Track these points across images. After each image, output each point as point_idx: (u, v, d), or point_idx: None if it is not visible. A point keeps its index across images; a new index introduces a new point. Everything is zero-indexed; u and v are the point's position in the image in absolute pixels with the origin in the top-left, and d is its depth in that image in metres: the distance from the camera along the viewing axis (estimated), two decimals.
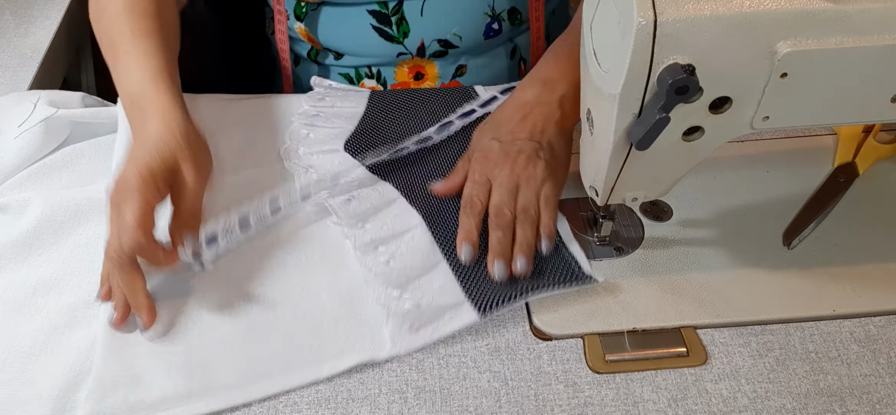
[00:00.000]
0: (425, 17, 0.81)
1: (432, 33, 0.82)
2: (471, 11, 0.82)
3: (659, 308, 0.59)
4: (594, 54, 0.51)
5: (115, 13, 0.67)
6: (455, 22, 0.82)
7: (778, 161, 0.71)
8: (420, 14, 0.81)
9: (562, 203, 0.66)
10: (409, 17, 0.81)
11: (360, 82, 0.86)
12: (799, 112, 0.50)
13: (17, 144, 0.69)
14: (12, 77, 0.78)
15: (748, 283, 0.61)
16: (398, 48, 0.83)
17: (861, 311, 0.59)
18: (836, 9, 0.45)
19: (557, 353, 0.57)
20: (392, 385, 0.55)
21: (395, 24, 0.81)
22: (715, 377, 0.55)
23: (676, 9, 0.44)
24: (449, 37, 0.82)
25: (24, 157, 0.69)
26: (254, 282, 0.61)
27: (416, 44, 0.83)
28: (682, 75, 0.45)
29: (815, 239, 0.64)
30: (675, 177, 0.57)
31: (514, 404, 0.54)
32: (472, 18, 0.82)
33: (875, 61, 0.47)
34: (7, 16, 0.86)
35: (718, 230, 0.65)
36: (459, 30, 0.82)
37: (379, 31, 0.82)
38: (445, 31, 0.82)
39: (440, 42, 0.83)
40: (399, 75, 0.85)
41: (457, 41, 0.83)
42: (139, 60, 0.63)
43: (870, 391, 0.54)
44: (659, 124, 0.47)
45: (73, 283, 0.61)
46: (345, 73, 0.86)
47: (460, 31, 0.82)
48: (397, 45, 0.83)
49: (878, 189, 0.68)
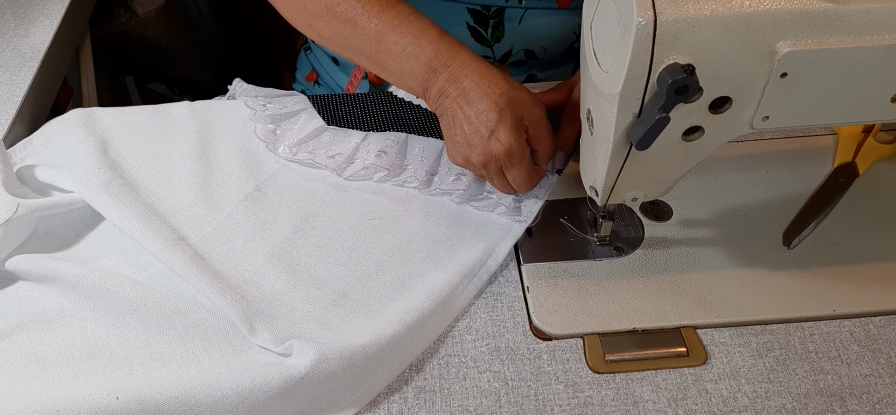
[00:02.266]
0: (522, 26, 0.81)
1: (522, 43, 0.83)
2: (563, 29, 0.83)
3: (659, 308, 0.59)
4: (594, 54, 0.51)
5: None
6: (547, 36, 0.83)
7: (778, 161, 0.71)
8: (518, 23, 0.81)
9: (562, 202, 0.66)
10: (508, 24, 0.81)
11: None
12: (799, 112, 0.50)
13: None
14: (12, 77, 0.78)
15: (748, 283, 0.61)
16: (485, 51, 0.83)
17: (861, 311, 0.59)
18: (836, 9, 0.45)
19: (557, 353, 0.57)
20: (392, 385, 0.55)
21: (491, 28, 0.81)
22: (715, 377, 0.55)
23: (676, 8, 0.44)
24: (536, 49, 0.83)
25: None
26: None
27: (504, 50, 0.83)
28: (682, 75, 0.45)
29: (815, 239, 0.64)
30: (675, 177, 0.57)
31: (514, 404, 0.54)
32: (562, 35, 0.84)
33: (875, 61, 0.47)
34: (7, 16, 0.86)
35: (718, 230, 0.65)
36: (548, 44, 0.83)
37: (473, 31, 0.81)
38: (536, 43, 0.83)
39: (526, 52, 0.84)
40: None
41: (541, 54, 0.84)
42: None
43: (870, 391, 0.54)
44: (659, 124, 0.47)
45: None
46: None
47: (548, 45, 0.84)
48: (486, 48, 0.83)
49: (878, 189, 0.68)
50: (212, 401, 0.51)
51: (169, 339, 0.56)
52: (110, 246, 0.63)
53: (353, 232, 0.65)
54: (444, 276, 0.60)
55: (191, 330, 0.57)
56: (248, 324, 0.56)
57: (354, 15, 0.64)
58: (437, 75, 0.63)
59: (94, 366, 0.55)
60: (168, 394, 0.51)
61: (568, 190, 0.68)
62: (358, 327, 0.57)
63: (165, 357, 0.55)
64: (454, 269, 0.61)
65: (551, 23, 0.83)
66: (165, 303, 0.58)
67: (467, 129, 0.63)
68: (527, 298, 0.60)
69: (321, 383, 0.52)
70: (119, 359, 0.55)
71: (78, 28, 0.93)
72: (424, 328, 0.57)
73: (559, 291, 0.60)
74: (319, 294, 0.60)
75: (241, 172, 0.69)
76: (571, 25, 0.84)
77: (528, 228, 0.65)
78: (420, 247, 0.64)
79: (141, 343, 0.56)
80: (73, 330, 0.57)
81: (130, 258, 0.62)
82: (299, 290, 0.60)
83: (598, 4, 0.50)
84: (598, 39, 0.50)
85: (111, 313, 0.57)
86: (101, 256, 0.63)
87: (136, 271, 0.61)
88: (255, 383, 0.52)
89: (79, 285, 0.59)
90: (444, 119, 0.65)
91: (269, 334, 0.55)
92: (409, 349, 0.56)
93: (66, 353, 0.55)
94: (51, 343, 0.56)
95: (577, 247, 0.64)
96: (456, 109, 0.63)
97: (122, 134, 0.72)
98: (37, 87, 0.79)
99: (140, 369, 0.54)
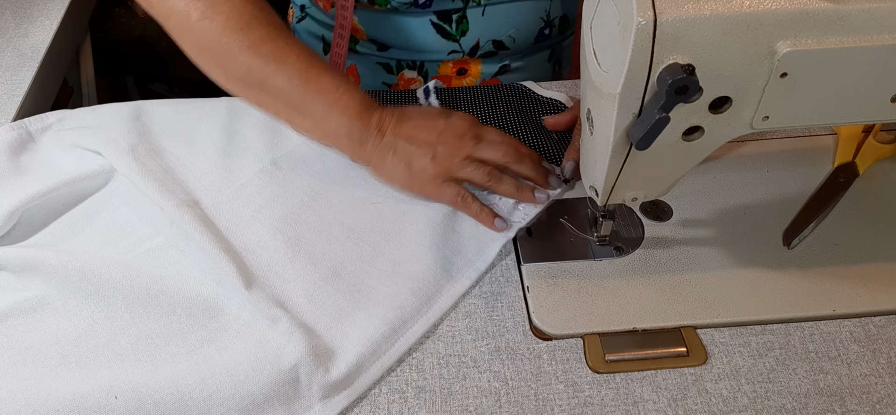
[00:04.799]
0: (486, 18, 0.81)
1: (489, 34, 0.83)
2: (529, 16, 0.83)
3: (659, 308, 0.59)
4: (594, 54, 0.51)
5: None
6: (513, 25, 0.83)
7: (778, 161, 0.71)
8: (482, 15, 0.81)
9: (562, 202, 0.66)
10: (471, 17, 0.81)
11: (400, 73, 0.86)
12: (799, 112, 0.50)
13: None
14: (12, 77, 0.78)
15: (748, 283, 0.61)
16: (452, 46, 0.83)
17: (861, 311, 0.59)
18: (836, 9, 0.45)
19: (557, 353, 0.57)
20: (392, 385, 0.55)
21: (454, 23, 0.81)
22: (715, 377, 0.55)
23: (676, 8, 0.44)
24: (504, 39, 0.83)
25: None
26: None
27: (471, 43, 0.83)
28: (682, 75, 0.45)
29: (815, 239, 0.64)
30: (675, 177, 0.57)
31: (514, 404, 0.54)
32: (528, 23, 0.84)
33: (875, 61, 0.47)
34: (7, 16, 0.86)
35: (718, 230, 0.65)
36: (515, 32, 0.83)
37: (437, 28, 0.82)
38: (502, 33, 0.83)
39: (494, 43, 0.83)
40: (442, 69, 0.85)
41: (510, 43, 0.84)
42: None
43: (870, 391, 0.54)
44: (659, 124, 0.47)
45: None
46: (384, 63, 0.86)
47: (516, 33, 0.83)
48: (452, 43, 0.83)
49: (878, 189, 0.68)
50: (205, 394, 0.52)
51: (155, 318, 0.57)
52: (95, 230, 0.64)
53: (356, 213, 0.66)
54: (431, 269, 0.61)
55: (177, 308, 0.58)
56: (243, 281, 0.58)
57: (284, 55, 0.63)
58: (373, 111, 0.64)
59: (83, 349, 0.55)
60: (165, 390, 0.52)
61: (568, 190, 0.68)
62: (343, 306, 0.59)
63: (153, 335, 0.56)
64: (441, 262, 0.61)
65: (515, 12, 0.82)
66: (151, 283, 0.59)
67: (421, 134, 0.63)
68: (527, 297, 0.60)
69: (310, 375, 0.54)
70: (106, 340, 0.56)
71: (78, 28, 0.93)
72: (406, 328, 0.58)
73: (559, 291, 0.60)
74: (313, 270, 0.61)
75: (261, 145, 0.71)
76: (537, 11, 0.83)
77: (528, 228, 0.65)
78: (415, 233, 0.64)
79: (127, 323, 0.57)
80: (58, 315, 0.57)
81: (115, 241, 0.63)
82: (295, 263, 0.61)
83: (598, 4, 0.50)
84: (597, 39, 0.50)
85: (95, 294, 0.58)
86: (85, 242, 0.63)
87: (121, 253, 0.62)
88: (248, 376, 0.53)
89: (61, 270, 0.59)
90: (392, 152, 0.64)
91: (261, 295, 0.58)
92: (397, 345, 0.57)
93: (52, 338, 0.56)
94: (36, 330, 0.56)
95: (577, 247, 0.64)
96: (399, 131, 0.64)
97: (157, 103, 0.75)
98: (37, 87, 0.79)
99: (129, 350, 0.55)
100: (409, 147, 0.64)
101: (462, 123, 0.65)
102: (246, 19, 0.63)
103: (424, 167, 0.64)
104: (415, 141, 0.64)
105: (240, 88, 0.66)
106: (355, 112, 0.64)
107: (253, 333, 0.56)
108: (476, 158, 0.64)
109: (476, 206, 0.64)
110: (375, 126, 0.64)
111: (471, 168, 0.64)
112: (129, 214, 0.65)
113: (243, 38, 0.62)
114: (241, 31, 0.62)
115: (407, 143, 0.64)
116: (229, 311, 0.58)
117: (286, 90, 0.63)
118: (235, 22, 0.62)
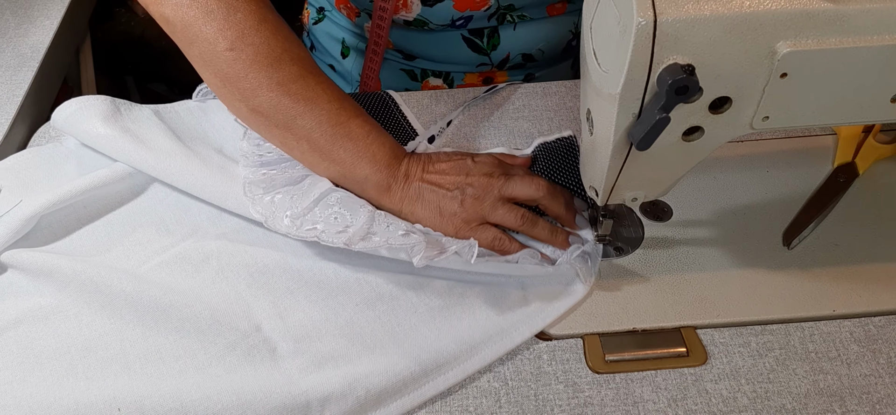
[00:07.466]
0: (517, 33, 0.81)
1: (519, 48, 0.83)
2: (559, 31, 0.83)
3: (659, 308, 0.59)
4: (594, 54, 0.51)
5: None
6: (543, 39, 0.83)
7: (778, 161, 0.71)
8: (513, 30, 0.81)
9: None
10: (503, 33, 0.81)
11: (424, 81, 0.86)
12: (799, 112, 0.50)
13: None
14: (12, 77, 0.78)
15: (748, 283, 0.61)
16: (482, 59, 0.83)
17: (861, 311, 0.59)
18: (836, 9, 0.45)
19: (557, 353, 0.57)
20: None
21: (486, 38, 0.81)
22: (715, 377, 0.55)
23: (676, 9, 0.44)
24: (534, 52, 0.84)
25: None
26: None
27: (501, 57, 0.83)
28: (682, 75, 0.45)
29: (815, 239, 0.64)
30: (675, 177, 0.57)
31: (514, 404, 0.54)
32: (558, 37, 0.84)
33: (875, 61, 0.47)
34: (7, 16, 0.86)
35: (718, 230, 0.65)
36: (545, 46, 0.83)
37: (468, 42, 0.81)
38: (532, 47, 0.83)
39: (524, 55, 0.84)
40: (468, 79, 0.85)
41: (539, 56, 0.84)
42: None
43: (870, 391, 0.54)
44: (659, 124, 0.47)
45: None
46: (408, 70, 0.85)
47: (545, 47, 0.84)
48: (482, 56, 0.83)
49: (878, 189, 0.68)
50: (210, 413, 0.51)
51: (165, 332, 0.56)
52: (111, 240, 0.63)
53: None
54: (481, 324, 0.58)
55: (186, 323, 0.57)
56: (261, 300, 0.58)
57: (314, 95, 0.60)
58: (400, 160, 0.62)
59: (92, 360, 0.55)
60: (169, 406, 0.52)
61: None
62: (378, 335, 0.57)
63: (162, 351, 0.55)
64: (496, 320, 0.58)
65: (546, 26, 0.83)
66: (161, 296, 0.58)
67: (448, 177, 0.61)
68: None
69: (323, 404, 0.53)
70: (115, 353, 0.55)
71: (78, 28, 0.93)
72: (439, 373, 0.55)
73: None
74: (345, 297, 0.59)
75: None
76: (568, 25, 0.84)
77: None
78: (472, 280, 0.60)
79: (138, 337, 0.56)
80: (69, 324, 0.57)
81: (130, 252, 0.62)
82: (324, 288, 0.60)
83: (597, 4, 0.50)
84: (597, 39, 0.50)
85: (108, 306, 0.58)
86: (101, 251, 0.63)
87: (135, 266, 0.61)
88: (256, 397, 0.52)
89: (76, 279, 0.59)
90: (419, 199, 0.62)
91: (275, 316, 0.57)
92: (423, 389, 0.55)
93: (62, 347, 0.56)
94: (47, 338, 0.56)
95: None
96: (425, 177, 0.62)
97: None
98: (37, 87, 0.79)
99: (137, 364, 0.55)
100: (437, 192, 0.62)
101: (489, 159, 0.63)
102: (277, 54, 0.60)
103: (454, 212, 0.61)
104: (442, 184, 0.62)
105: (261, 124, 0.62)
106: (384, 162, 0.61)
107: (263, 354, 0.55)
108: (507, 195, 0.62)
109: (515, 245, 0.61)
110: (403, 174, 0.62)
111: (503, 211, 0.61)
112: (150, 223, 0.64)
113: (273, 73, 0.59)
114: (271, 66, 0.59)
115: (434, 188, 0.62)
116: (239, 328, 0.57)
117: (314, 133, 0.60)
118: (266, 56, 0.59)
